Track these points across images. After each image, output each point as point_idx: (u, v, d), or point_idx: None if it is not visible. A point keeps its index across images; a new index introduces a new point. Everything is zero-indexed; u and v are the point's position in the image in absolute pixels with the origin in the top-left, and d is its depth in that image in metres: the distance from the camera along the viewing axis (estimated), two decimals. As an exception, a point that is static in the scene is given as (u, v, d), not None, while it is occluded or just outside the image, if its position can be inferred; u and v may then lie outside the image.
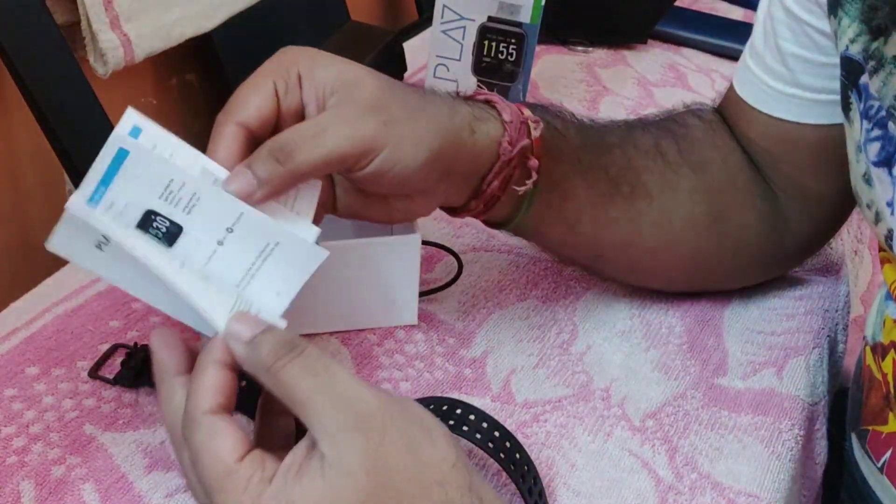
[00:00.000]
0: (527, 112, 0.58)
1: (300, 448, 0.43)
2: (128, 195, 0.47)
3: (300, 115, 0.52)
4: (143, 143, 0.47)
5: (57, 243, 0.47)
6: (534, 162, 0.58)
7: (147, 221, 0.47)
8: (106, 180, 0.46)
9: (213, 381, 0.45)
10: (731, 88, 0.70)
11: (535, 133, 0.58)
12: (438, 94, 0.57)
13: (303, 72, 0.51)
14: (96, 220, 0.46)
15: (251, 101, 0.50)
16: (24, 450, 0.56)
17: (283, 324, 0.47)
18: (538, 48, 0.91)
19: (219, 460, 0.43)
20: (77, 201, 0.46)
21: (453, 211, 0.60)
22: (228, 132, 0.50)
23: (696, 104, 0.72)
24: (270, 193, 0.49)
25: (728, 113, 0.70)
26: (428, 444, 0.43)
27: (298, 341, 0.44)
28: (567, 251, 0.69)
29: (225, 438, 0.43)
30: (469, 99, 0.58)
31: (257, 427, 0.49)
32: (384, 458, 0.42)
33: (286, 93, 0.51)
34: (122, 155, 0.46)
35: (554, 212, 0.62)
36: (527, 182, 0.58)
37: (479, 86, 0.87)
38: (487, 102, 0.58)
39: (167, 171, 0.47)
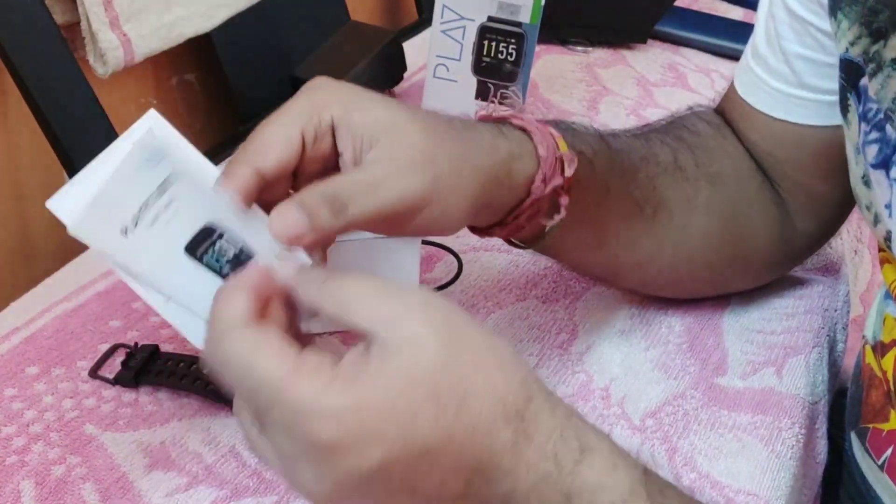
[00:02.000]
0: (562, 144, 0.55)
1: (352, 353, 0.40)
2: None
3: (328, 161, 0.49)
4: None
5: (82, 225, 0.45)
6: (564, 199, 0.56)
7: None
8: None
9: (244, 303, 0.41)
10: (731, 90, 0.70)
11: (570, 171, 0.55)
12: (478, 129, 0.53)
13: (337, 118, 0.48)
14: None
15: (274, 149, 0.47)
16: (24, 449, 0.56)
17: None
18: (538, 48, 0.91)
19: (280, 363, 0.40)
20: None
21: (474, 229, 0.58)
22: (243, 174, 0.46)
23: (698, 106, 0.72)
24: (317, 241, 0.46)
25: (729, 115, 0.70)
26: (500, 376, 0.41)
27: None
28: (586, 269, 0.68)
29: (269, 347, 0.40)
30: (504, 122, 0.55)
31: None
32: (456, 331, 0.40)
33: (314, 140, 0.48)
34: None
35: (579, 238, 0.60)
36: (555, 216, 0.56)
37: (512, 92, 0.86)
38: (522, 129, 0.55)
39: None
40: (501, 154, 0.53)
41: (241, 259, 0.46)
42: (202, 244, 0.46)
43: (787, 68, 0.64)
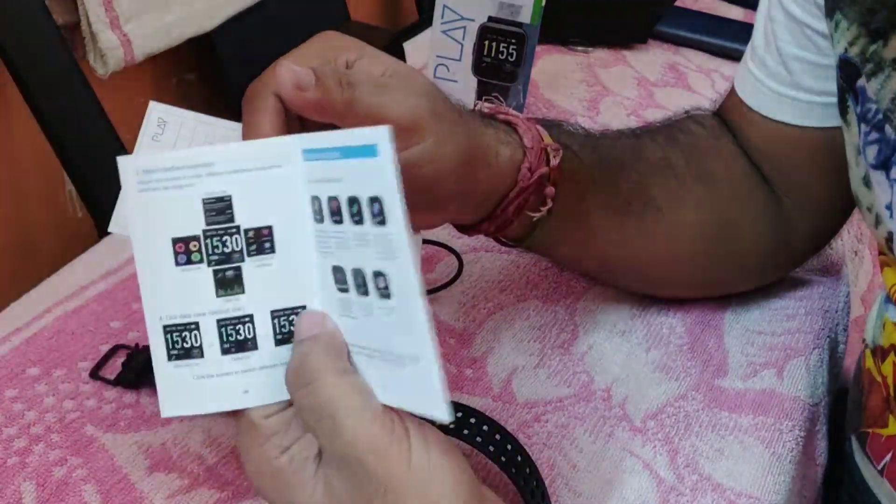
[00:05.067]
0: (546, 137, 0.57)
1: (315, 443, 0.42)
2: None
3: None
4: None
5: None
6: (550, 189, 0.57)
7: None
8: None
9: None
10: (731, 91, 0.70)
11: (555, 160, 0.56)
12: (470, 110, 0.55)
13: (351, 61, 0.49)
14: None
15: (289, 81, 0.46)
16: (25, 451, 0.56)
17: None
18: (538, 48, 0.91)
19: (248, 411, 0.43)
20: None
21: (464, 228, 0.59)
22: (271, 105, 0.46)
23: (696, 109, 0.72)
24: (318, 105, 0.46)
25: (729, 116, 0.70)
26: None
27: (315, 370, 0.42)
28: (577, 266, 0.69)
29: None
30: (491, 117, 0.57)
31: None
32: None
33: None
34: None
35: (567, 232, 0.61)
36: (542, 209, 0.57)
37: (495, 97, 0.87)
38: (508, 123, 0.57)
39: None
40: (490, 137, 0.54)
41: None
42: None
43: (784, 70, 0.64)
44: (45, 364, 0.61)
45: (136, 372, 0.60)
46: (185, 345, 0.43)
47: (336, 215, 0.42)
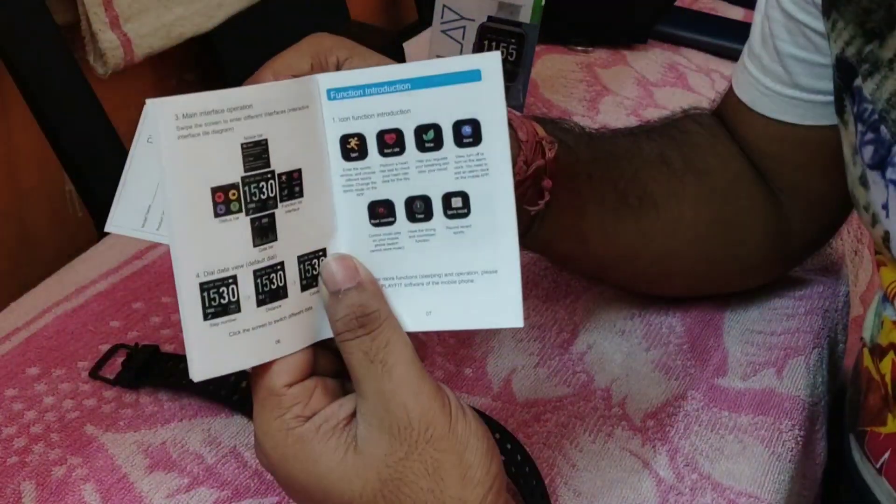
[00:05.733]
0: (541, 131, 0.57)
1: (346, 406, 0.43)
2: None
3: None
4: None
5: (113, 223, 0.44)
6: (548, 182, 0.56)
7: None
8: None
9: None
10: (729, 91, 0.70)
11: (550, 153, 0.56)
12: None
13: (342, 60, 0.48)
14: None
15: (288, 65, 0.47)
16: (24, 450, 0.56)
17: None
18: (538, 48, 0.91)
19: (269, 380, 0.43)
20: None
21: None
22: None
23: (694, 108, 0.72)
24: None
25: (727, 116, 0.70)
26: (455, 478, 0.42)
27: (374, 317, 0.43)
28: (575, 264, 0.69)
29: (281, 360, 0.43)
30: None
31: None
32: (402, 472, 0.42)
33: None
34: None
35: (564, 228, 0.61)
36: (539, 202, 0.57)
37: None
38: None
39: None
40: None
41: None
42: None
43: (781, 68, 0.64)
44: (44, 364, 0.61)
45: (135, 372, 0.60)
46: (221, 301, 0.41)
47: (393, 147, 0.43)
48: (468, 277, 0.43)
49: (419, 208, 0.43)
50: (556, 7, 0.89)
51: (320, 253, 0.44)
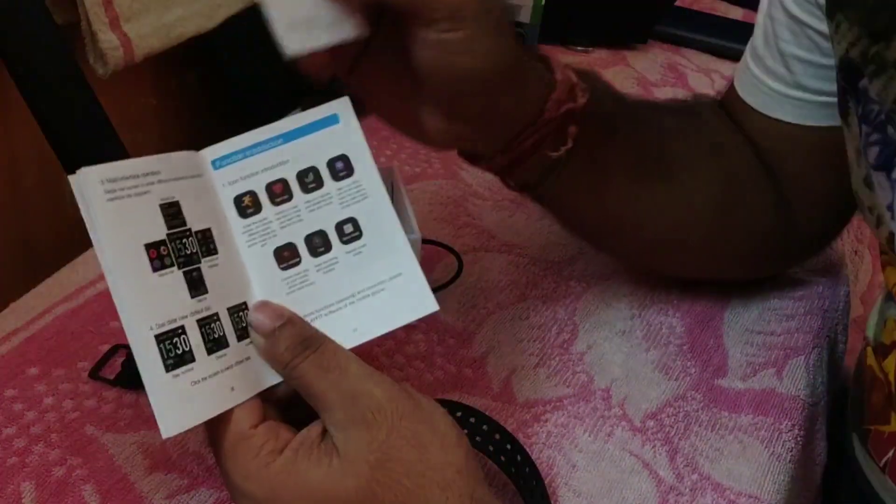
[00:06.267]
0: (575, 77, 0.57)
1: (315, 427, 0.44)
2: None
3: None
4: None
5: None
6: (573, 129, 0.56)
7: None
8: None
9: None
10: (731, 89, 0.70)
11: (582, 99, 0.56)
12: (513, 29, 0.54)
13: None
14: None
15: None
16: (24, 450, 0.56)
17: None
18: (538, 48, 0.91)
19: (234, 425, 0.44)
20: None
21: (475, 159, 0.58)
22: None
23: (702, 95, 0.72)
24: None
25: (729, 114, 0.70)
26: (436, 446, 0.44)
27: (314, 336, 0.45)
28: (586, 225, 0.68)
29: (241, 406, 0.44)
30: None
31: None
32: (388, 452, 0.43)
33: None
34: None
35: (581, 181, 0.60)
36: (561, 148, 0.56)
37: None
38: (540, 58, 0.57)
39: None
40: (524, 62, 0.54)
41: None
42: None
43: (785, 69, 0.64)
44: (44, 364, 0.61)
45: (135, 372, 0.60)
46: (177, 351, 0.43)
47: (282, 195, 0.48)
48: (379, 288, 0.47)
49: (318, 243, 0.48)
50: (556, 7, 0.89)
51: (243, 306, 0.47)
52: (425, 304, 0.47)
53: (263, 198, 0.48)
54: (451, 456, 0.44)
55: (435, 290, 0.70)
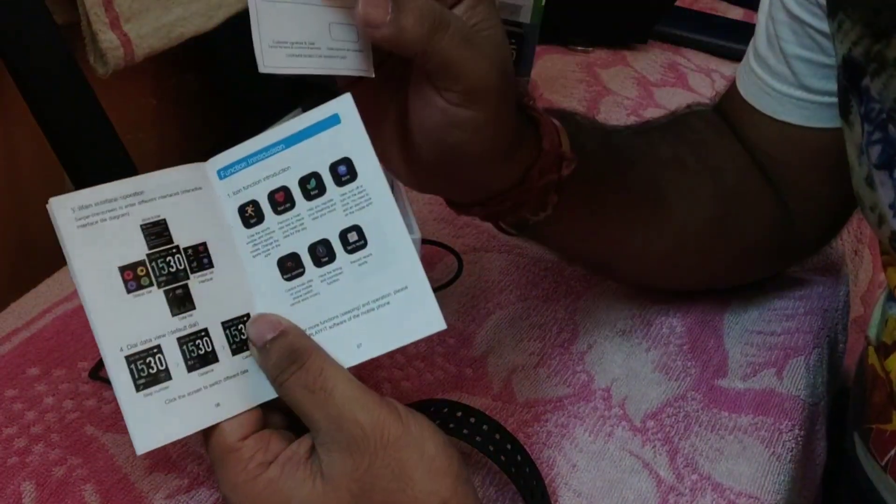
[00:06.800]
0: (566, 145, 0.55)
1: (304, 442, 0.44)
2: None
3: None
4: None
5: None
6: (553, 197, 0.55)
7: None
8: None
9: None
10: (733, 90, 0.70)
11: (566, 171, 0.55)
12: (516, 94, 0.53)
13: None
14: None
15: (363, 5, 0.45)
16: (25, 450, 0.56)
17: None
18: (538, 48, 0.91)
19: (223, 437, 0.44)
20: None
21: (454, 205, 0.57)
22: None
23: (697, 104, 0.72)
24: (390, 42, 0.44)
25: (730, 115, 0.70)
26: (422, 474, 0.43)
27: (303, 351, 0.44)
28: (576, 259, 0.69)
29: (230, 418, 0.44)
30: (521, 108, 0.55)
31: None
32: (370, 482, 0.42)
33: None
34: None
35: (572, 227, 0.60)
36: (540, 214, 0.56)
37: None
38: (532, 117, 0.55)
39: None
40: (518, 134, 0.52)
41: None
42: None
43: (787, 69, 0.64)
44: (45, 364, 0.61)
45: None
46: (150, 370, 0.44)
47: (282, 205, 0.46)
48: (384, 301, 0.45)
49: (322, 252, 0.46)
50: (556, 7, 0.89)
51: (244, 318, 0.46)
52: (431, 321, 0.45)
53: (266, 207, 0.47)
54: (436, 485, 0.43)
55: (435, 290, 0.70)
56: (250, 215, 0.47)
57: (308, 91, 0.81)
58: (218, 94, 1.01)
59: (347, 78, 0.48)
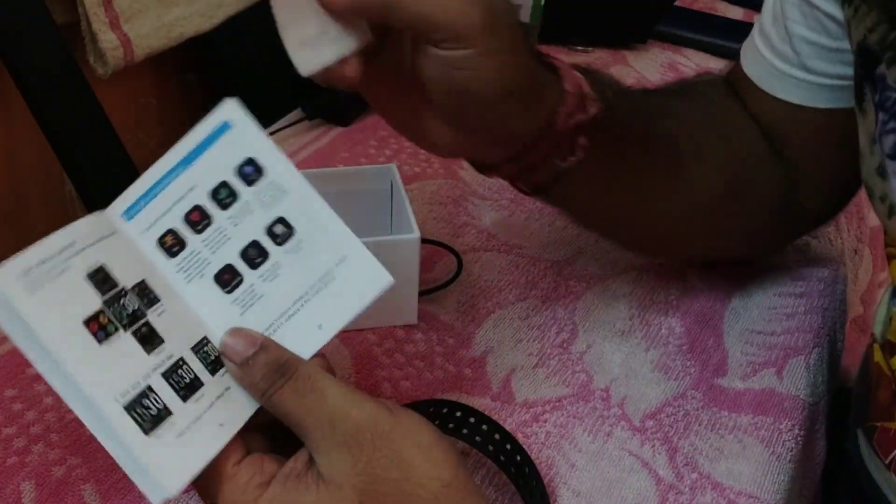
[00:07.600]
0: (586, 87, 0.56)
1: (301, 457, 0.44)
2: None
3: None
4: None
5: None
6: (583, 139, 0.55)
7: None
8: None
9: None
10: (737, 65, 0.70)
11: (592, 110, 0.55)
12: (527, 40, 0.54)
13: None
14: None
15: None
16: (24, 450, 0.56)
17: (306, 357, 0.46)
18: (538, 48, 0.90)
19: (216, 468, 0.44)
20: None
21: (484, 168, 0.58)
22: None
23: (706, 73, 0.72)
24: (353, 7, 0.46)
25: (735, 87, 0.70)
26: (421, 460, 0.43)
27: (289, 362, 0.45)
28: (597, 221, 0.68)
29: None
30: (537, 56, 0.55)
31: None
32: (372, 474, 0.42)
33: None
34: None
35: (593, 183, 0.60)
36: (570, 158, 0.56)
37: None
38: (550, 65, 0.56)
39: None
40: (536, 75, 0.53)
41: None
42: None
43: (791, 49, 0.64)
44: (44, 364, 0.61)
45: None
46: (151, 412, 0.43)
47: (200, 223, 0.46)
48: (329, 277, 0.46)
49: (254, 254, 0.46)
50: (556, 7, 0.89)
51: (205, 341, 0.46)
52: (379, 278, 0.46)
53: (185, 231, 0.46)
54: (437, 470, 0.43)
55: (435, 289, 0.70)
56: (171, 245, 0.46)
57: (307, 92, 0.81)
58: (218, 94, 1.01)
59: (360, 56, 0.48)
